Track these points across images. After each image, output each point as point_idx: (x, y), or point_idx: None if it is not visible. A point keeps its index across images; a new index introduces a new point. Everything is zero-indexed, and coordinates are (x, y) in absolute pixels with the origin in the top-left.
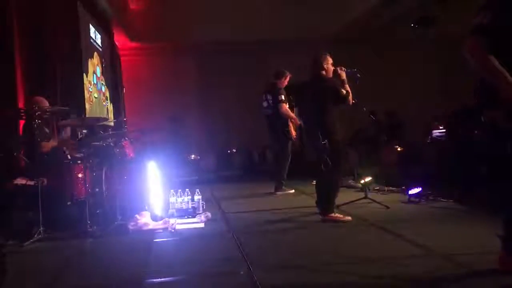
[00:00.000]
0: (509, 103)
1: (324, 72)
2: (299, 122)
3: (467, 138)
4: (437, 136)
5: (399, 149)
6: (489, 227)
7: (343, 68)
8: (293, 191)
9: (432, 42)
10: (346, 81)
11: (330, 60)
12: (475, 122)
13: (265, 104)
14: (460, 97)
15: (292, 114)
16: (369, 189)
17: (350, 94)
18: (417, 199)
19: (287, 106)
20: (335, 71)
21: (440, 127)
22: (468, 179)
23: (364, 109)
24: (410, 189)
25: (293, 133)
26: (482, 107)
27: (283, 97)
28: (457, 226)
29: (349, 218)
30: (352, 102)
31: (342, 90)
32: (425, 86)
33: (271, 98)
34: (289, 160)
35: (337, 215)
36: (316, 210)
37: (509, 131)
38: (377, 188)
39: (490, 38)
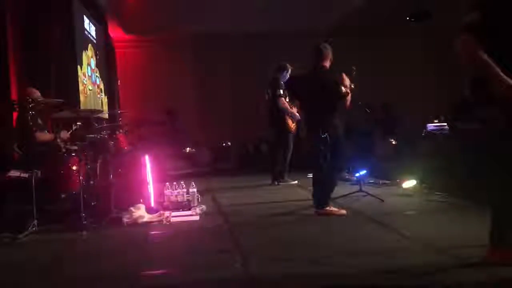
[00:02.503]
0: (501, 99)
1: (327, 64)
2: (298, 116)
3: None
4: (432, 129)
5: (394, 142)
6: (483, 220)
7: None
8: (296, 181)
9: (430, 35)
10: (348, 86)
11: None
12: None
13: (266, 97)
14: (458, 92)
15: (290, 109)
16: (363, 182)
17: (350, 95)
18: (411, 192)
19: (287, 100)
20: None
21: (435, 121)
22: (463, 172)
23: (360, 102)
24: (404, 182)
25: (291, 126)
26: (474, 106)
27: (281, 91)
28: (452, 219)
29: (344, 211)
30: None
31: (343, 88)
32: (423, 80)
33: (270, 92)
34: (291, 151)
35: (332, 208)
36: (311, 203)
37: (499, 130)
38: (372, 181)
39: (479, 37)
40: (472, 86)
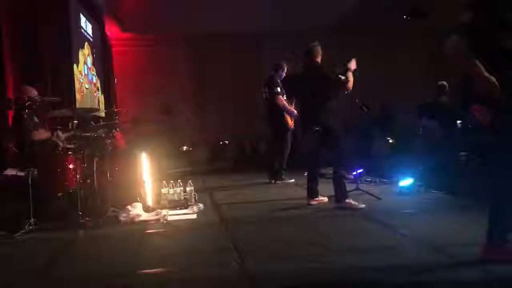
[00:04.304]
0: (482, 96)
1: (319, 60)
2: (296, 113)
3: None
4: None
5: (391, 140)
6: (481, 218)
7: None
8: (293, 180)
9: (430, 35)
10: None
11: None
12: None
13: (263, 96)
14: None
15: (288, 106)
16: (361, 181)
17: (351, 81)
18: (408, 191)
19: (284, 97)
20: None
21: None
22: (458, 170)
23: (357, 100)
24: (402, 181)
25: (290, 123)
26: (465, 104)
27: (278, 89)
28: (449, 217)
29: (363, 205)
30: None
31: (340, 76)
32: (423, 80)
33: (268, 91)
34: (289, 150)
35: (352, 202)
36: (306, 201)
37: (484, 126)
38: (369, 179)
39: (469, 38)
40: (463, 88)
